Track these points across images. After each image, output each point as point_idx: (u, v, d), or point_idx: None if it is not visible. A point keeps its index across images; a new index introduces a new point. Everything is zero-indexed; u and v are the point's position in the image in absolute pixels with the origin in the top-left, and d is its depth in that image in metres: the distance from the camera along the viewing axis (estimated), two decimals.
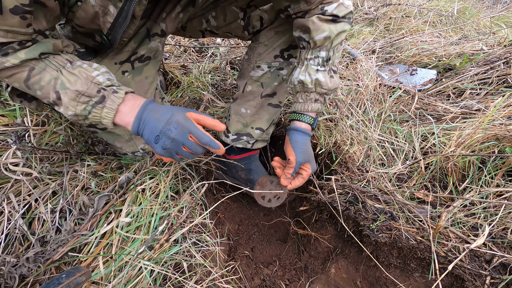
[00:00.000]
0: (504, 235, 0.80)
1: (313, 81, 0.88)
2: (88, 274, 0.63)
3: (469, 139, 1.02)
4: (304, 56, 0.90)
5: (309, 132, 0.95)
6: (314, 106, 0.93)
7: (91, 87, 0.66)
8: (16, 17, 0.55)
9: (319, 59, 0.87)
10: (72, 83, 0.65)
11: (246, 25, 0.97)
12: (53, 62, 0.67)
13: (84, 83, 0.65)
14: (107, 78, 0.68)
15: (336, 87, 0.92)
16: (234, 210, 1.28)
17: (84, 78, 0.66)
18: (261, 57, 1.00)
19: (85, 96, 0.66)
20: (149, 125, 0.67)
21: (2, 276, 0.66)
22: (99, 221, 0.83)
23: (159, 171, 0.95)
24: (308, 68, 0.88)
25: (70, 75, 0.66)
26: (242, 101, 1.07)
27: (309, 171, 0.95)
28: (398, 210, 0.91)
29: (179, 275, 0.75)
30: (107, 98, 0.67)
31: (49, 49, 0.66)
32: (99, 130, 0.96)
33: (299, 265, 1.10)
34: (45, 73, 0.66)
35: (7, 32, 0.58)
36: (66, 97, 0.65)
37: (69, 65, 0.67)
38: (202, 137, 0.67)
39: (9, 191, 0.82)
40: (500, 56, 1.56)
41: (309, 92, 0.91)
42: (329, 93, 0.92)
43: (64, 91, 0.65)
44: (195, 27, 1.05)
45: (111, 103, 0.67)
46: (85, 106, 0.66)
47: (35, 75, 0.66)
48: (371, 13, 2.64)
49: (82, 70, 0.66)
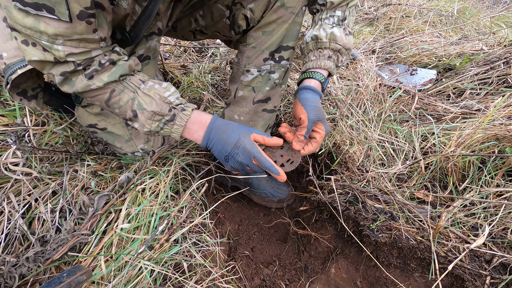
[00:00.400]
0: (504, 235, 0.80)
1: (328, 35, 0.86)
2: (89, 273, 0.63)
3: (469, 139, 1.02)
4: (319, 17, 0.89)
5: (320, 91, 0.90)
6: (327, 63, 0.89)
7: (164, 107, 0.74)
8: (82, 22, 0.60)
9: (335, 18, 0.87)
10: (148, 104, 0.73)
11: (232, 24, 0.95)
12: (130, 84, 0.74)
13: (158, 104, 0.73)
14: (176, 97, 0.76)
15: (350, 47, 0.90)
16: (234, 210, 1.28)
17: (158, 99, 0.73)
18: (250, 60, 0.97)
19: (159, 115, 0.74)
20: (217, 145, 0.77)
21: (2, 276, 0.66)
22: (99, 221, 0.83)
23: (159, 171, 0.95)
24: (323, 26, 0.87)
25: (146, 96, 0.74)
26: (235, 107, 1.06)
27: (322, 132, 0.88)
28: (398, 210, 0.91)
29: (179, 275, 0.75)
30: (177, 116, 0.75)
31: (126, 71, 0.73)
32: (99, 130, 0.96)
33: (299, 265, 1.10)
34: (124, 94, 0.74)
35: (79, 42, 0.63)
36: (143, 116, 0.74)
37: (143, 86, 0.75)
38: (264, 162, 0.76)
39: (9, 191, 0.82)
40: (500, 56, 1.56)
41: (323, 48, 0.88)
42: (343, 52, 0.89)
43: (141, 111, 0.74)
44: (185, 27, 1.05)
45: (180, 120, 0.75)
46: (158, 124, 0.75)
47: (115, 96, 0.74)
48: (371, 13, 2.64)
49: (156, 91, 0.74)
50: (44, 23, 0.58)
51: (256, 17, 0.89)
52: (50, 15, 0.56)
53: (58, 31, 0.59)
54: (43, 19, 0.57)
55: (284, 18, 0.88)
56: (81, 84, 0.69)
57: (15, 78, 0.78)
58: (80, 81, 0.69)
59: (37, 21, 0.57)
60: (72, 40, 0.62)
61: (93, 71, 0.69)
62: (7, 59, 0.76)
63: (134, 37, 0.80)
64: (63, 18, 0.57)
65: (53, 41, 0.60)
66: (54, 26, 0.58)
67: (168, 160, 1.02)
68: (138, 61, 0.79)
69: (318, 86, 0.90)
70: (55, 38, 0.60)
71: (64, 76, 0.68)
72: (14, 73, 0.75)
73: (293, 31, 0.92)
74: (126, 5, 0.71)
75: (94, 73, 0.69)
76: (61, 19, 0.57)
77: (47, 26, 0.58)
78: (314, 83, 0.89)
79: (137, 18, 0.75)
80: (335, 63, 0.90)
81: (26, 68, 0.75)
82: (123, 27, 0.78)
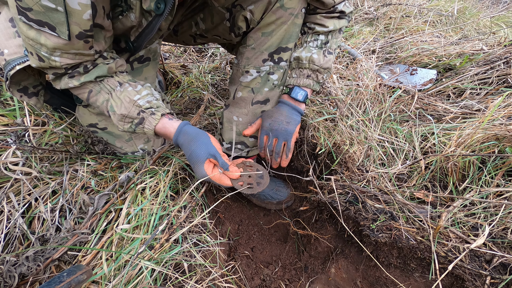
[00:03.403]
0: (504, 235, 0.80)
1: (307, 58, 0.95)
2: (89, 273, 0.63)
3: (469, 139, 1.02)
4: (304, 39, 0.97)
5: (294, 105, 0.99)
6: (306, 81, 0.99)
7: (132, 110, 0.77)
8: (80, 41, 0.65)
9: (318, 41, 0.95)
10: (118, 107, 0.77)
11: (232, 26, 0.95)
12: (106, 86, 0.78)
13: (126, 107, 0.77)
14: (146, 100, 0.79)
15: (329, 67, 0.98)
16: (234, 210, 1.28)
17: (127, 102, 0.77)
18: (249, 61, 0.97)
19: (128, 117, 0.78)
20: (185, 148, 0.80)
21: (1, 275, 0.66)
22: (99, 220, 0.83)
23: (158, 171, 0.95)
24: (306, 48, 0.96)
25: (118, 99, 0.77)
26: (234, 108, 1.06)
27: None
28: (398, 210, 0.91)
29: (180, 275, 0.75)
30: (146, 120, 0.78)
31: (104, 72, 0.76)
32: (99, 130, 0.96)
33: (299, 265, 1.10)
34: (100, 96, 0.78)
35: (75, 55, 0.69)
36: (114, 117, 0.79)
37: (118, 88, 0.78)
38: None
39: (9, 191, 0.82)
40: (500, 56, 1.56)
41: (303, 68, 0.98)
42: (322, 71, 0.98)
43: (112, 112, 0.78)
44: (185, 31, 1.05)
45: (149, 124, 0.79)
46: (130, 125, 0.79)
47: (92, 97, 0.79)
48: (371, 13, 2.63)
49: (126, 94, 0.77)
50: (44, 37, 0.63)
51: (256, 19, 0.90)
52: (51, 32, 0.62)
53: (57, 45, 0.65)
54: (44, 34, 0.63)
55: (283, 19, 0.88)
56: (63, 82, 0.76)
57: (17, 75, 0.80)
58: (63, 79, 0.76)
59: (38, 35, 0.63)
60: (69, 53, 0.68)
61: (75, 72, 0.74)
62: (7, 55, 0.79)
63: (137, 47, 0.84)
64: (63, 37, 0.63)
65: (51, 53, 0.66)
66: (53, 41, 0.64)
67: (168, 160, 1.02)
68: (122, 62, 0.82)
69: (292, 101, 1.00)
70: (53, 50, 0.66)
71: (55, 76, 0.75)
72: (13, 69, 0.78)
73: (292, 32, 0.92)
74: (134, 17, 0.75)
75: (76, 74, 0.75)
76: (61, 37, 0.63)
77: (47, 40, 0.63)
78: (287, 98, 1.01)
79: (141, 31, 0.79)
80: (314, 80, 1.00)
81: (25, 64, 0.78)
82: (128, 37, 0.82)
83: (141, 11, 0.74)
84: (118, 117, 0.78)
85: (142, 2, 0.71)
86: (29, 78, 0.86)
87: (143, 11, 0.74)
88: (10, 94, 1.03)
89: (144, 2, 0.71)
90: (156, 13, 0.73)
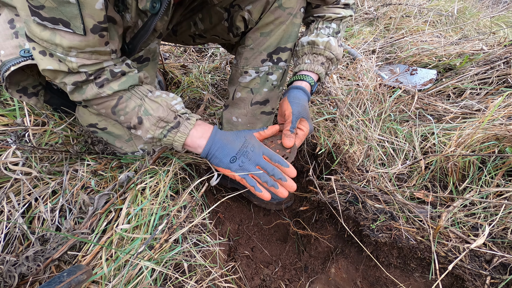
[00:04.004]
0: (504, 235, 0.80)
1: (324, 43, 0.91)
2: (89, 273, 0.62)
3: (469, 139, 1.02)
4: (314, 26, 0.94)
5: (309, 93, 0.94)
6: (320, 69, 0.94)
7: (170, 114, 0.77)
8: (96, 36, 0.64)
9: (330, 29, 0.93)
10: (154, 110, 0.76)
11: (230, 26, 0.95)
12: (137, 92, 0.77)
13: (165, 110, 0.76)
14: (182, 106, 0.80)
15: (340, 58, 0.95)
16: (234, 210, 1.28)
17: (165, 106, 0.77)
18: (248, 62, 0.97)
19: (164, 121, 0.77)
20: (221, 150, 0.79)
21: (1, 275, 0.66)
22: (99, 220, 0.83)
23: (158, 171, 0.95)
24: (319, 34, 0.92)
25: (153, 103, 0.76)
26: (233, 109, 1.06)
27: (306, 130, 0.90)
28: (398, 210, 0.91)
29: (180, 275, 0.75)
30: (182, 124, 0.78)
31: (136, 82, 0.76)
32: (99, 130, 0.96)
33: (299, 265, 1.10)
34: (131, 101, 0.76)
35: (91, 54, 0.67)
36: (148, 122, 0.76)
37: (150, 94, 0.78)
38: (273, 156, 0.80)
39: (9, 191, 0.82)
40: (500, 56, 1.56)
41: (318, 54, 0.93)
42: (334, 61, 0.94)
43: (147, 116, 0.76)
44: (184, 31, 1.05)
45: (184, 128, 0.78)
46: (162, 130, 0.77)
47: (122, 103, 0.76)
48: (371, 13, 2.63)
49: (163, 99, 0.77)
50: (59, 36, 0.62)
51: (254, 19, 0.89)
52: (66, 28, 0.61)
53: (73, 43, 0.63)
54: (59, 33, 0.61)
55: (281, 19, 0.88)
56: (91, 92, 0.73)
57: (15, 76, 0.80)
58: (90, 89, 0.73)
59: (53, 35, 0.61)
60: (85, 52, 0.66)
61: (104, 80, 0.72)
62: (3, 56, 0.78)
63: (132, 49, 0.82)
64: (78, 32, 0.61)
65: (67, 53, 0.65)
66: (69, 39, 0.62)
67: (169, 160, 1.02)
68: (147, 75, 0.83)
69: (308, 88, 0.94)
70: (69, 50, 0.64)
71: (75, 86, 0.72)
72: (8, 70, 0.77)
73: (291, 32, 0.91)
74: (129, 18, 0.73)
75: (105, 82, 0.73)
76: (76, 32, 0.61)
77: (63, 39, 0.62)
78: (304, 85, 0.93)
79: (136, 32, 0.78)
80: (325, 70, 0.95)
81: (19, 65, 0.77)
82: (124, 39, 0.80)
83: (137, 12, 0.73)
84: (153, 120, 0.76)
85: (138, 2, 0.70)
86: (28, 79, 0.86)
87: (139, 11, 0.72)
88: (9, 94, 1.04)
89: (140, 1, 0.70)
90: (152, 12, 0.72)
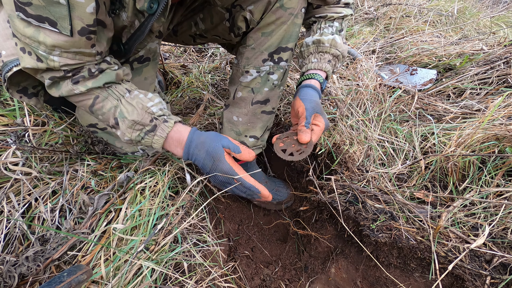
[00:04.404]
0: (504, 235, 0.80)
1: (329, 40, 0.91)
2: (89, 273, 0.62)
3: (469, 139, 1.02)
4: (317, 27, 0.95)
5: (320, 91, 0.93)
6: (327, 66, 0.94)
7: (145, 116, 0.74)
8: (82, 38, 0.62)
9: (333, 28, 0.93)
10: (129, 113, 0.73)
11: (232, 26, 0.95)
12: (114, 92, 0.75)
13: (139, 113, 0.73)
14: (159, 108, 0.76)
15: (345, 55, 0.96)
16: (234, 210, 1.28)
17: (140, 108, 0.74)
18: (249, 61, 0.97)
19: (140, 124, 0.74)
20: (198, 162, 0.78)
21: (1, 275, 0.66)
22: (99, 220, 0.83)
23: (157, 172, 0.95)
24: (323, 34, 0.93)
25: (129, 105, 0.74)
26: (234, 108, 1.06)
27: (322, 125, 0.88)
28: (398, 210, 0.91)
29: (180, 275, 0.75)
30: (158, 127, 0.75)
31: (112, 79, 0.74)
32: (99, 130, 0.96)
33: (299, 265, 1.10)
34: (107, 102, 0.74)
35: (75, 54, 0.65)
36: (123, 124, 0.74)
37: (127, 95, 0.75)
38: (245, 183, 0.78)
39: (9, 191, 0.82)
40: (500, 56, 1.56)
41: (324, 52, 0.94)
42: (340, 59, 0.95)
43: (122, 119, 0.74)
44: (185, 31, 1.05)
45: (161, 131, 0.75)
46: (139, 133, 0.75)
47: (98, 103, 0.74)
48: (371, 13, 2.63)
49: (139, 100, 0.74)
50: (43, 34, 0.60)
51: (255, 19, 0.89)
52: (52, 28, 0.59)
53: (57, 43, 0.61)
54: (43, 31, 0.59)
55: (283, 19, 0.88)
56: (66, 88, 0.71)
57: (15, 76, 0.80)
58: (66, 85, 0.71)
59: (37, 32, 0.59)
60: (69, 52, 0.64)
61: (79, 77, 0.70)
62: (5, 57, 0.78)
63: (127, 50, 0.81)
64: (64, 32, 0.59)
65: (50, 52, 0.62)
66: (53, 38, 0.60)
67: (168, 160, 1.02)
68: (128, 71, 0.80)
69: (318, 86, 0.94)
70: (52, 49, 0.62)
71: (52, 81, 0.70)
72: (10, 70, 0.77)
73: (292, 32, 0.92)
74: (125, 17, 0.72)
75: (81, 79, 0.70)
76: (62, 33, 0.60)
77: (47, 37, 0.60)
78: (314, 83, 0.93)
79: (133, 32, 0.77)
80: (332, 68, 0.95)
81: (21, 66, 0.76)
82: (119, 39, 0.79)
83: (134, 11, 0.72)
84: (128, 123, 0.74)
85: (136, 2, 0.69)
86: (28, 79, 0.85)
87: (136, 11, 0.72)
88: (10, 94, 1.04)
89: (138, 1, 0.69)
90: (149, 12, 0.71)
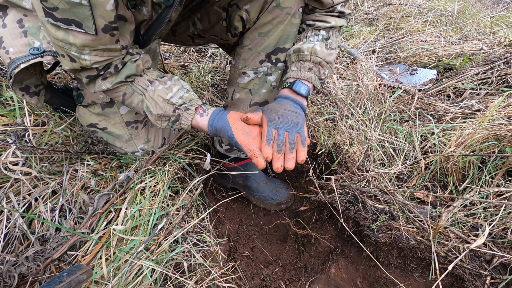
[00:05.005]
0: (504, 235, 0.80)
1: (309, 49, 0.89)
2: (89, 273, 0.62)
3: (469, 139, 1.02)
4: (304, 35, 0.93)
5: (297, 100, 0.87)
6: (307, 74, 0.90)
7: (168, 108, 0.79)
8: (106, 35, 0.67)
9: (319, 36, 0.91)
10: (153, 108, 0.80)
11: (228, 26, 0.94)
12: (138, 87, 0.80)
13: (162, 107, 0.79)
14: (179, 97, 0.80)
15: (331, 61, 0.92)
16: (234, 210, 1.28)
17: (161, 102, 0.79)
18: (246, 62, 0.96)
19: (165, 116, 0.81)
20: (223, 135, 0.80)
21: (1, 275, 0.66)
22: (99, 220, 0.83)
23: (157, 172, 0.95)
24: (307, 42, 0.91)
25: (151, 100, 0.79)
26: (232, 110, 1.04)
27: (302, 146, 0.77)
28: (398, 210, 0.91)
29: (180, 275, 0.75)
30: (182, 116, 0.81)
31: (133, 71, 0.78)
32: (99, 130, 0.96)
33: (299, 265, 1.10)
34: (134, 97, 0.81)
35: (103, 51, 0.70)
36: (152, 117, 0.82)
37: (149, 88, 0.80)
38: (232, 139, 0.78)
39: (8, 190, 0.82)
40: (500, 56, 1.56)
41: (304, 60, 0.90)
42: (324, 65, 0.90)
43: (149, 113, 0.81)
44: (183, 31, 1.05)
45: (185, 120, 0.81)
46: (167, 123, 0.82)
47: (127, 99, 0.82)
48: (371, 13, 2.63)
49: (159, 94, 0.79)
50: (72, 36, 0.65)
51: (252, 18, 0.89)
52: (78, 29, 0.64)
53: (85, 42, 0.66)
54: (72, 33, 0.65)
55: (279, 18, 0.87)
56: (97, 84, 0.78)
57: (19, 74, 0.81)
58: (97, 82, 0.78)
59: (66, 34, 0.65)
60: (97, 50, 0.69)
61: (107, 74, 0.76)
62: (12, 54, 0.79)
63: (146, 40, 0.84)
64: (90, 32, 0.64)
65: (80, 52, 0.68)
66: (81, 38, 0.65)
67: (168, 159, 1.02)
68: (148, 58, 0.83)
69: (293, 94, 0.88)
70: (82, 48, 0.67)
71: (89, 79, 0.77)
72: (17, 67, 0.78)
73: (290, 32, 0.91)
74: (146, 11, 0.75)
75: (108, 75, 0.76)
76: (88, 32, 0.64)
77: (75, 38, 0.65)
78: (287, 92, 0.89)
79: (151, 23, 0.80)
80: (316, 75, 0.91)
81: (29, 63, 0.78)
82: (138, 30, 0.83)
83: (152, 5, 0.74)
84: (155, 117, 0.81)
85: None
86: (31, 77, 0.86)
87: (154, 4, 0.74)
88: (10, 94, 1.03)
89: None
90: (166, 4, 0.73)
